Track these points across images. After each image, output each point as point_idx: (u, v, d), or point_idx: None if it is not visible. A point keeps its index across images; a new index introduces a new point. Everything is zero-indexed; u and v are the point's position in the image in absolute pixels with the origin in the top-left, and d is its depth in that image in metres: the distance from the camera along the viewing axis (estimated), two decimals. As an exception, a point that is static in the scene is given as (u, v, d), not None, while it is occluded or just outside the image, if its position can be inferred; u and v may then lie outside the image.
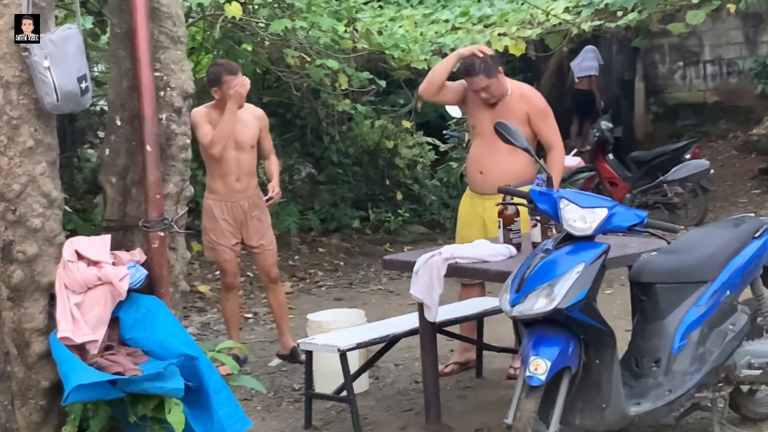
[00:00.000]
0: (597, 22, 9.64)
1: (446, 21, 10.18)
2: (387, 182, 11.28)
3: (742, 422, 4.81)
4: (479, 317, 5.86)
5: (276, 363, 6.56)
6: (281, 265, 7.49)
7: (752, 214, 5.43)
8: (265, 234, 6.39)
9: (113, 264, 3.96)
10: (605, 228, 4.10)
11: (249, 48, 9.40)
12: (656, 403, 4.23)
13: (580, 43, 12.30)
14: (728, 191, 12.52)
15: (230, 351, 6.16)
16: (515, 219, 5.00)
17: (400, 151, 11.38)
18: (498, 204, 5.08)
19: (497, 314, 5.33)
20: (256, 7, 8.57)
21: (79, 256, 3.92)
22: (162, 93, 4.18)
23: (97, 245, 3.99)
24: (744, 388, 4.76)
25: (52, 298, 3.92)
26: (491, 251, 4.83)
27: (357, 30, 9.29)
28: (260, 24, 8.57)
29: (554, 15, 9.69)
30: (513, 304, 4.04)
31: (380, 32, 9.57)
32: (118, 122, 4.23)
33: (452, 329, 5.82)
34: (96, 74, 8.83)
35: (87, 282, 3.87)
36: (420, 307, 4.99)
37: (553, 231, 4.67)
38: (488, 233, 5.53)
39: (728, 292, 4.47)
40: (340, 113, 10.53)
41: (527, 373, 3.94)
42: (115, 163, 4.24)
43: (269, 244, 6.40)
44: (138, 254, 4.10)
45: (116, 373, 3.75)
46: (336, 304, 7.91)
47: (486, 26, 9.88)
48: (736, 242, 4.53)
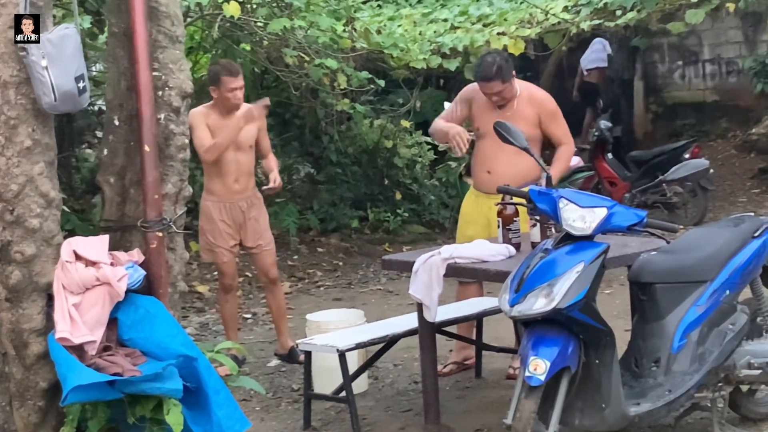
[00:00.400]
0: (596, 21, 9.64)
1: (445, 20, 10.19)
2: (386, 182, 11.27)
3: (742, 422, 4.81)
4: (478, 317, 5.86)
5: (275, 363, 6.56)
6: (280, 266, 7.49)
7: (752, 214, 5.44)
8: (264, 234, 6.38)
9: (111, 264, 3.96)
10: (605, 228, 4.10)
11: (247, 47, 9.39)
12: (656, 403, 4.23)
13: (579, 43, 12.30)
14: (728, 191, 12.52)
15: (229, 351, 6.18)
16: (515, 219, 4.99)
17: (399, 151, 11.38)
18: (497, 204, 5.08)
19: (497, 314, 5.34)
20: (255, 7, 8.58)
21: (78, 257, 3.92)
22: (160, 93, 4.18)
23: (96, 246, 3.99)
24: (744, 388, 4.76)
25: (50, 299, 3.92)
26: (490, 251, 4.82)
27: (356, 29, 9.29)
28: (259, 23, 8.57)
29: (553, 14, 9.70)
30: (512, 304, 4.04)
31: (379, 31, 9.57)
32: (117, 122, 4.23)
33: (451, 329, 5.82)
34: (94, 74, 8.83)
35: (85, 282, 3.87)
36: (419, 308, 4.98)
37: (553, 231, 4.67)
38: (492, 233, 5.53)
39: (728, 292, 4.47)
40: (339, 113, 10.52)
41: (527, 373, 3.94)
42: (114, 163, 4.24)
43: (267, 244, 6.40)
44: (136, 255, 4.10)
45: (115, 374, 3.75)
46: (335, 304, 7.91)
47: (485, 25, 9.89)
48: (736, 242, 4.53)
